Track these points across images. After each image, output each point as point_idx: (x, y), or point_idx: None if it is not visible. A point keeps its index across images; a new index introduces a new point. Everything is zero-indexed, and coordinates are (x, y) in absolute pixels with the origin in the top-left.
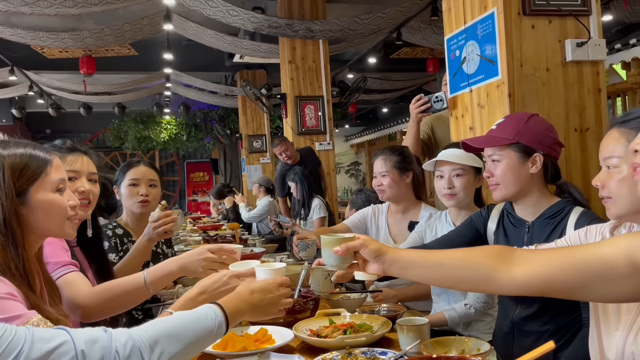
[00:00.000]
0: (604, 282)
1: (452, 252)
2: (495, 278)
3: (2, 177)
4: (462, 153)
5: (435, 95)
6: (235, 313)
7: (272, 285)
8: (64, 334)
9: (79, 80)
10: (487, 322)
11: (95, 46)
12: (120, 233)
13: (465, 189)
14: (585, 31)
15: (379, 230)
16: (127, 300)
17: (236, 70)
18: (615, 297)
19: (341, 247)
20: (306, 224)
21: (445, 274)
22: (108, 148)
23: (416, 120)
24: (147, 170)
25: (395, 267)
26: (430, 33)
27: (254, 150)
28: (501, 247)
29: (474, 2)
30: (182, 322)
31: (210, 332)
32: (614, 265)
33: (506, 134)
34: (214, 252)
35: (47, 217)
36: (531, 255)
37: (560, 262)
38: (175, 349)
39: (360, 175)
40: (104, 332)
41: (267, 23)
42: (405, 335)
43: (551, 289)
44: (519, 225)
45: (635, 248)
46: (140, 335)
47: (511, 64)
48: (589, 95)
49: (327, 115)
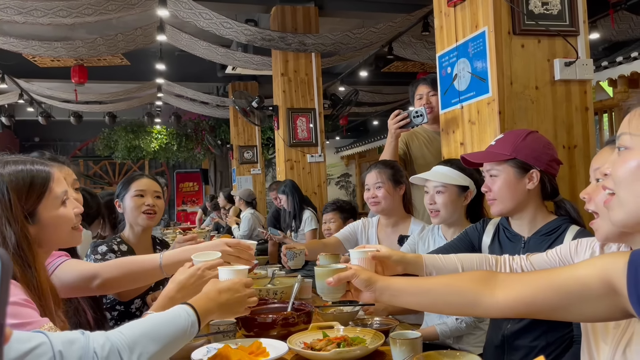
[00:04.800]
0: (582, 302)
1: (439, 278)
2: (480, 302)
3: (9, 202)
4: (447, 170)
5: (415, 110)
6: (206, 312)
7: (239, 285)
8: (42, 336)
9: (70, 89)
10: (478, 336)
11: (87, 56)
12: (125, 250)
13: (446, 205)
14: (574, 51)
15: (369, 243)
16: (140, 277)
17: (228, 81)
18: (594, 317)
19: (334, 278)
20: (297, 236)
21: (433, 299)
22: (97, 157)
23: (395, 136)
24: (152, 183)
25: (386, 295)
26: (421, 48)
27: (244, 161)
28: (484, 272)
29: (465, 20)
30: (158, 322)
31: (185, 332)
32: (591, 286)
33: (504, 149)
34: (231, 246)
35: (56, 231)
36: (513, 279)
37: (541, 284)
38: (153, 349)
39: (351, 187)
40: (82, 335)
41: (260, 36)
42: (398, 349)
43: (533, 310)
44: (515, 240)
45: (610, 269)
46: (118, 337)
47: (501, 81)
48: (577, 113)
49: (318, 127)
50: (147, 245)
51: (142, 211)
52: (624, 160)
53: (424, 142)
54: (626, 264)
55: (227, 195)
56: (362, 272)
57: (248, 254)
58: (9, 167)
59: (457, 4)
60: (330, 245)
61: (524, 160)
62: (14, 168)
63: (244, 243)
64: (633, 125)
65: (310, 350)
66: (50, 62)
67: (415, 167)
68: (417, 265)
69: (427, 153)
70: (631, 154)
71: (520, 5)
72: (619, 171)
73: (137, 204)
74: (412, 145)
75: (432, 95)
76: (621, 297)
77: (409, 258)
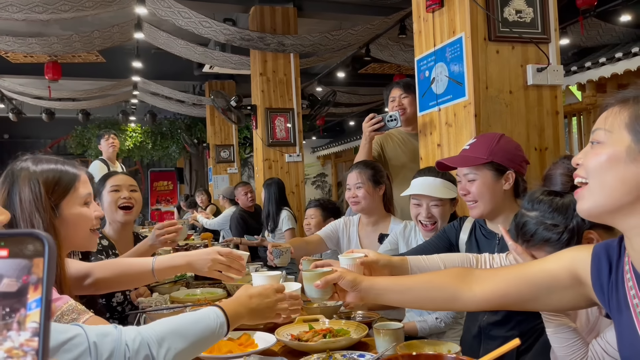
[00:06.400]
0: (551, 293)
1: (420, 276)
2: (459, 297)
3: (39, 192)
4: (440, 183)
5: (389, 114)
6: (235, 315)
7: (269, 291)
8: (78, 328)
9: (43, 86)
10: (457, 331)
11: (62, 52)
12: (106, 244)
13: (443, 217)
14: (545, 57)
15: (350, 241)
16: (132, 279)
17: (205, 80)
18: (561, 306)
19: (321, 280)
20: (274, 236)
21: (415, 296)
22: (70, 155)
23: (369, 139)
24: (127, 178)
25: (372, 294)
26: (397, 50)
27: (221, 160)
28: (462, 269)
29: (443, 26)
30: (188, 320)
31: (213, 332)
32: (559, 278)
33: (480, 153)
34: (222, 255)
35: (76, 230)
36: (488, 275)
37: (513, 278)
38: (181, 345)
39: (327, 187)
40: (114, 328)
41: (239, 35)
42: (381, 339)
43: (506, 302)
44: (490, 237)
45: (576, 262)
46: (148, 332)
47: (477, 86)
48: (548, 117)
49: (297, 127)
50: (128, 241)
51: (119, 205)
52: (597, 154)
53: (398, 143)
54: (590, 256)
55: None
56: (348, 274)
57: (239, 264)
58: (41, 164)
59: (435, 10)
60: (312, 243)
61: (500, 163)
62: (46, 166)
63: (235, 253)
64: (608, 123)
65: (297, 341)
66: (23, 58)
67: (390, 169)
68: (403, 267)
69: (401, 154)
70: (604, 148)
71: (496, 13)
72: (591, 162)
73: (114, 199)
74: (386, 146)
75: (404, 98)
76: (586, 286)
77: (395, 261)
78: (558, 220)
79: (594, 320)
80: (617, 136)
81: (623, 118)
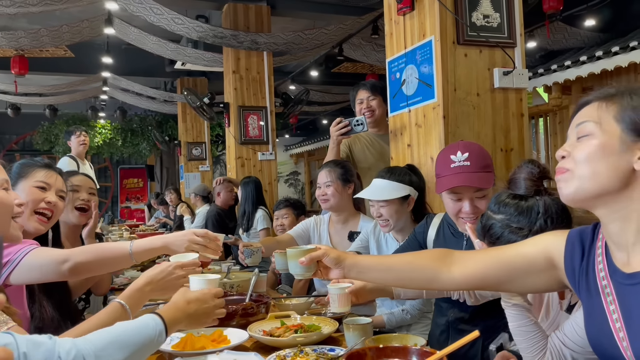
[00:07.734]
0: (527, 276)
1: (402, 256)
2: (438, 278)
3: None
4: (387, 184)
5: (356, 119)
6: (173, 322)
7: (207, 296)
8: (9, 336)
9: (9, 80)
10: (425, 324)
11: (30, 47)
12: None
13: (392, 216)
14: (511, 61)
15: (321, 239)
16: (110, 262)
17: (177, 77)
18: (535, 288)
19: (306, 257)
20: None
21: (397, 275)
22: (36, 151)
23: (336, 142)
24: (86, 179)
25: (354, 271)
26: (370, 50)
27: (193, 157)
28: (442, 250)
29: (414, 29)
30: (126, 331)
31: (152, 340)
32: (534, 262)
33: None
34: (199, 236)
35: None
36: (467, 256)
37: (491, 261)
38: (120, 356)
39: (300, 185)
40: (49, 339)
41: (212, 33)
42: (351, 333)
43: (484, 283)
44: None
45: (551, 246)
46: (85, 345)
47: (446, 88)
48: (513, 119)
49: (270, 125)
50: (74, 245)
51: (75, 205)
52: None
53: (365, 145)
54: (564, 241)
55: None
56: (332, 251)
57: (215, 244)
58: None
59: (406, 13)
60: (283, 242)
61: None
62: None
63: (212, 234)
64: (596, 116)
65: (269, 337)
66: None
67: (358, 170)
68: (387, 288)
69: (369, 155)
70: (594, 139)
71: (464, 17)
72: (581, 152)
73: (70, 199)
74: (354, 148)
75: (372, 100)
76: (559, 270)
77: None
78: (523, 224)
79: (554, 315)
80: (606, 127)
81: (610, 111)
